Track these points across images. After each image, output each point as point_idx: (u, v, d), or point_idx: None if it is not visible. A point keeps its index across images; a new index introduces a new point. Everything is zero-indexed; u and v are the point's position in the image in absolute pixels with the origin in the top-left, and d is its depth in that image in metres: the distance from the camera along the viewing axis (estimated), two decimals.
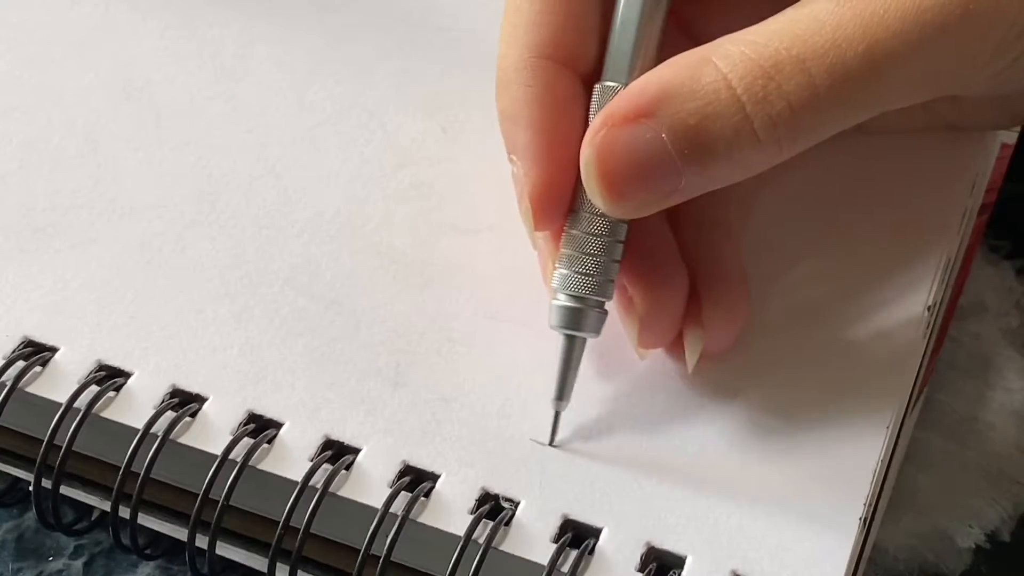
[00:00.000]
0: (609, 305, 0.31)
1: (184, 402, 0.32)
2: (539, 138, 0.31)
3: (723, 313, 0.32)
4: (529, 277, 0.34)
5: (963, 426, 0.38)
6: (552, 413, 0.31)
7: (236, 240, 0.35)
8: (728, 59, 0.28)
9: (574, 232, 0.31)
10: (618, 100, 0.29)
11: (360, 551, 0.30)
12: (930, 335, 0.34)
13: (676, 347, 0.33)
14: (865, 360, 0.32)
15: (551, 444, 0.31)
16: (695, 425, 0.32)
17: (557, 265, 0.31)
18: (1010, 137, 0.41)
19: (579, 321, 0.30)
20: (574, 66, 0.31)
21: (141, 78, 0.39)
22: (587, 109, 0.31)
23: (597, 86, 0.31)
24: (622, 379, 0.33)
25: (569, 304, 0.30)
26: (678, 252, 0.33)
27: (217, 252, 0.35)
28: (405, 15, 0.40)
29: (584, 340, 0.31)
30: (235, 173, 0.37)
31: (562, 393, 0.31)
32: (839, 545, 0.29)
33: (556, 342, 0.31)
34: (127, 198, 0.36)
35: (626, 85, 0.30)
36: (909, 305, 0.33)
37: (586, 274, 0.30)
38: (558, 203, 0.31)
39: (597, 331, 0.31)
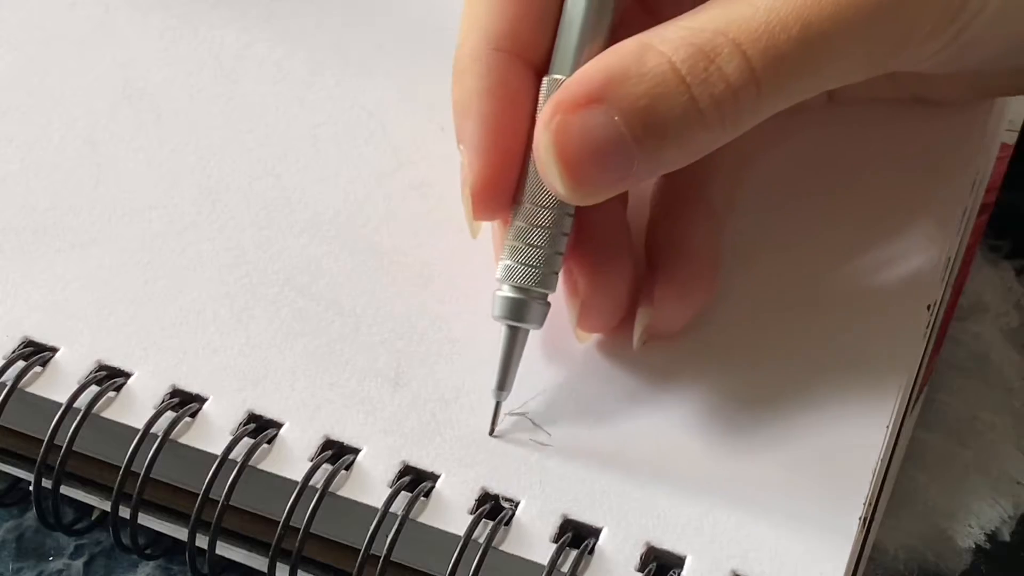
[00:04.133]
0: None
1: (184, 402, 0.32)
2: (486, 129, 0.31)
3: (675, 293, 0.32)
4: None
5: (963, 426, 0.38)
6: (493, 404, 0.31)
7: (236, 240, 0.35)
8: (670, 43, 0.28)
9: (519, 224, 0.31)
10: (565, 87, 0.29)
11: (360, 551, 0.30)
12: (930, 335, 0.34)
13: (619, 332, 0.33)
14: (865, 353, 0.32)
15: (491, 435, 0.31)
16: (693, 421, 0.32)
17: (502, 256, 0.31)
18: (1010, 137, 0.41)
19: (522, 312, 0.31)
20: (529, 58, 0.31)
21: (141, 78, 0.39)
22: (536, 102, 0.31)
23: (545, 79, 0.31)
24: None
25: (512, 295, 0.31)
26: (628, 237, 0.33)
27: (217, 252, 0.35)
28: (405, 15, 0.40)
29: (527, 331, 0.31)
30: (235, 173, 0.37)
31: (503, 383, 0.31)
32: (839, 545, 0.29)
33: (499, 333, 0.31)
34: (127, 198, 0.36)
35: None
36: (910, 290, 0.33)
37: (530, 265, 0.31)
38: (501, 194, 0.31)
39: (540, 323, 0.31)
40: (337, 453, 0.31)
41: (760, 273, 0.34)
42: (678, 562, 0.30)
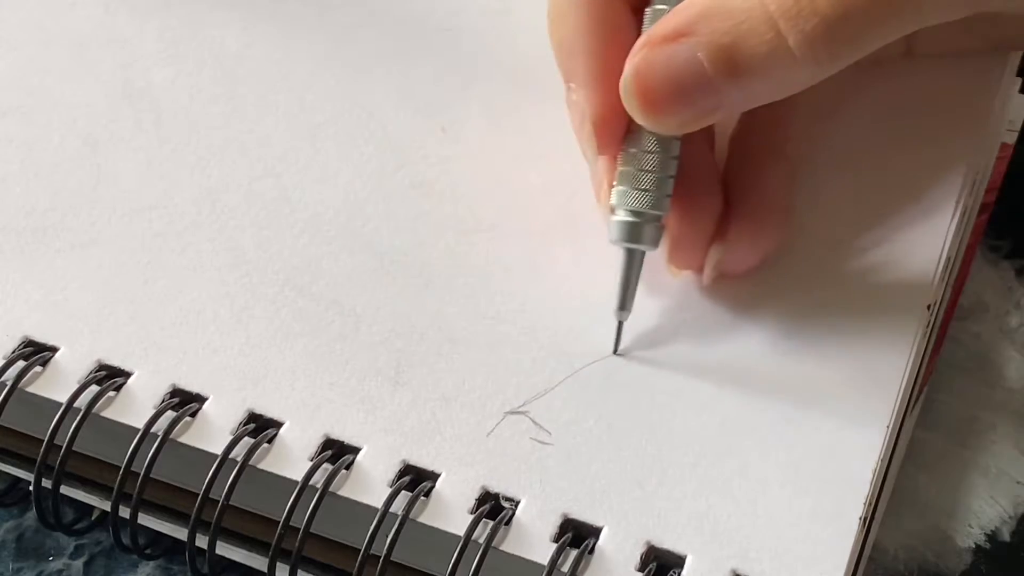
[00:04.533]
0: None
1: (184, 402, 0.32)
2: (596, 65, 0.32)
3: (748, 232, 0.33)
4: (529, 277, 0.34)
5: (963, 426, 0.38)
6: (616, 324, 0.33)
7: (236, 240, 0.35)
8: None
9: (631, 151, 0.32)
10: (661, 22, 0.30)
11: (360, 551, 0.30)
12: (930, 335, 0.34)
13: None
14: (865, 352, 0.32)
15: (615, 353, 0.33)
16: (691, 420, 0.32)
17: (615, 183, 0.32)
18: (1010, 137, 0.41)
19: (638, 234, 0.32)
20: None
21: (141, 79, 0.39)
22: (639, 35, 0.31)
23: (648, 9, 0.32)
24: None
25: (628, 219, 0.32)
26: (717, 176, 0.34)
27: (217, 252, 0.35)
28: (405, 15, 0.40)
29: (643, 253, 0.32)
30: (235, 173, 0.37)
31: (624, 303, 0.33)
32: (839, 545, 0.29)
33: (616, 257, 0.32)
34: (127, 198, 0.36)
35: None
36: (909, 290, 0.34)
37: (644, 190, 0.32)
38: (617, 127, 0.32)
39: (655, 244, 0.32)
40: (337, 452, 0.31)
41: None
42: (678, 562, 0.30)
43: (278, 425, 0.32)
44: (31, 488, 0.32)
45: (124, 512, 0.32)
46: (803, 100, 0.31)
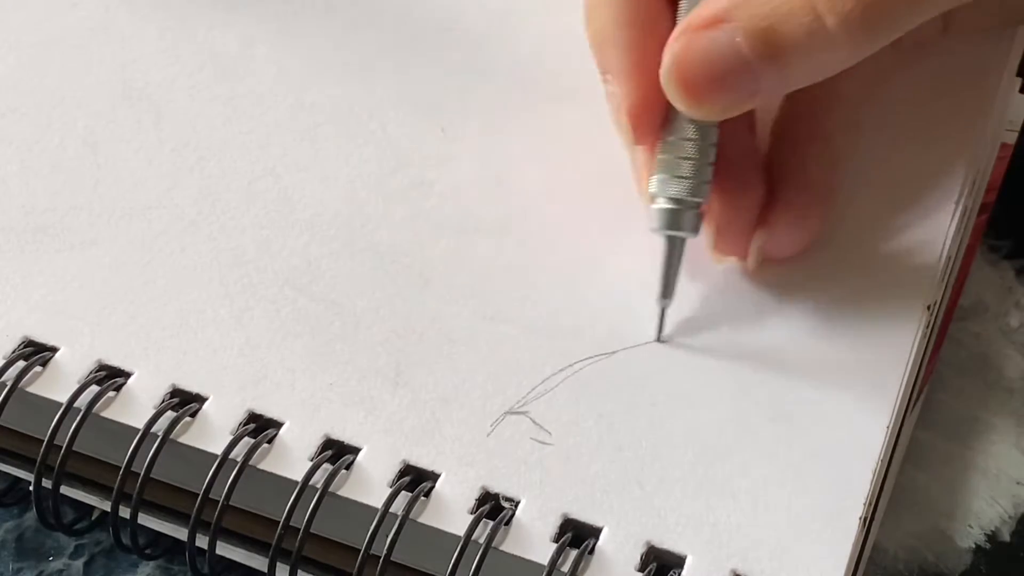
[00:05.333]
0: None
1: (184, 402, 0.32)
2: (632, 56, 0.32)
3: (792, 218, 0.33)
4: (529, 277, 0.34)
5: (963, 426, 0.38)
6: (658, 311, 0.33)
7: (236, 240, 0.35)
8: None
9: (670, 139, 0.32)
10: (698, 9, 0.30)
11: (360, 551, 0.30)
12: (930, 335, 0.34)
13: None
14: (865, 352, 0.32)
15: (658, 340, 0.33)
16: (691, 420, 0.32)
17: (655, 171, 0.32)
18: (1010, 137, 0.41)
19: (678, 222, 0.32)
20: None
21: (141, 78, 0.39)
22: (674, 25, 0.32)
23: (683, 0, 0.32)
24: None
25: (668, 206, 0.32)
26: (759, 163, 0.34)
27: (217, 252, 0.35)
28: (405, 15, 0.40)
29: (684, 240, 0.32)
30: (235, 173, 0.37)
31: (667, 291, 0.33)
32: (839, 545, 0.29)
33: (658, 244, 0.33)
34: (127, 198, 0.36)
35: None
36: (909, 290, 0.34)
37: (683, 177, 0.32)
38: (654, 116, 0.32)
39: (695, 230, 0.32)
40: (337, 453, 0.31)
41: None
42: (678, 562, 0.30)
43: (278, 425, 0.32)
44: (31, 488, 0.32)
45: (124, 512, 0.32)
46: (845, 86, 0.31)
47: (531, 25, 0.36)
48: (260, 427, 0.32)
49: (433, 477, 0.31)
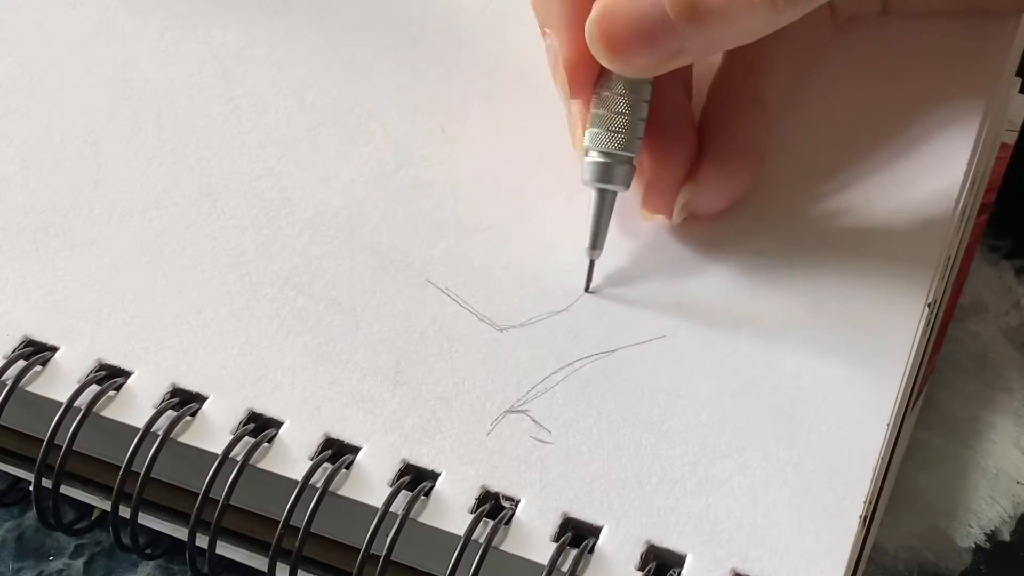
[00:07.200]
0: None
1: (184, 401, 0.32)
2: (571, 11, 0.33)
3: (718, 174, 0.34)
4: (528, 277, 0.34)
5: (963, 426, 0.38)
6: (587, 262, 0.34)
7: (236, 240, 0.35)
8: None
9: (604, 94, 0.33)
10: None
11: (360, 551, 0.30)
12: (930, 335, 0.34)
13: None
14: (865, 352, 0.32)
15: (587, 291, 0.34)
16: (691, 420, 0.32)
17: (588, 125, 0.33)
18: (1010, 137, 0.41)
19: (609, 175, 0.33)
20: None
21: (141, 78, 0.39)
22: None
23: None
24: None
25: (600, 160, 0.33)
26: (692, 123, 0.35)
27: (217, 252, 0.35)
28: (405, 15, 0.40)
29: (614, 193, 0.33)
30: (235, 173, 0.37)
31: (595, 242, 0.34)
32: (839, 544, 0.29)
33: (588, 197, 0.33)
34: (127, 198, 0.36)
35: None
36: (910, 286, 0.34)
37: (615, 131, 0.33)
38: (590, 71, 0.33)
39: (627, 184, 0.33)
40: (337, 452, 0.31)
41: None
42: (678, 561, 0.30)
43: (278, 425, 0.32)
44: (31, 488, 0.32)
45: (124, 512, 0.32)
46: (780, 51, 0.32)
47: (531, 25, 0.36)
48: (260, 426, 0.32)
49: (433, 476, 0.31)
